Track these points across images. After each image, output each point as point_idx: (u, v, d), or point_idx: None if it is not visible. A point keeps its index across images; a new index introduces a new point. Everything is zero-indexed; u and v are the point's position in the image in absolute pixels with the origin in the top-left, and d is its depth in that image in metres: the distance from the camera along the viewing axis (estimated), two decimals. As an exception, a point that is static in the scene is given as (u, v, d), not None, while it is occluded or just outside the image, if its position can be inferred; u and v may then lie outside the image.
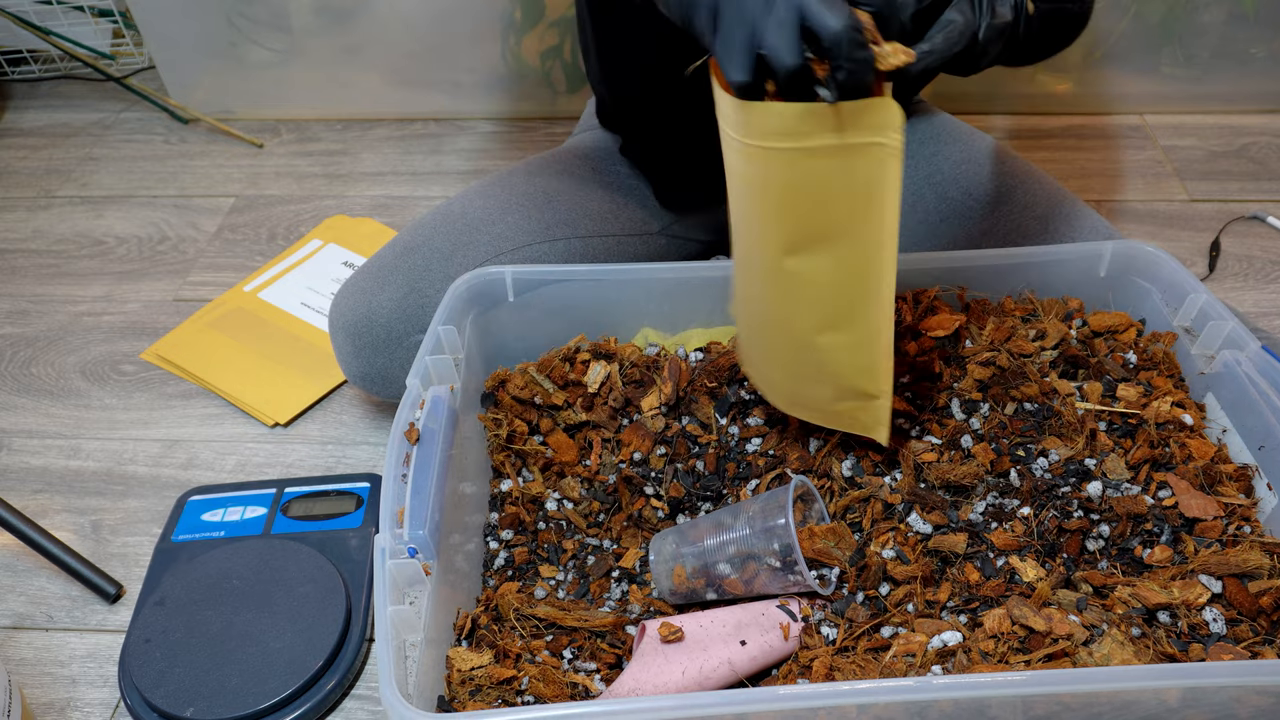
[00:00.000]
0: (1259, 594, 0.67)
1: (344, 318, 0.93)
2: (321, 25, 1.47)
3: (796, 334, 0.72)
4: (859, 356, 0.71)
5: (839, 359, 0.71)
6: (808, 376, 0.74)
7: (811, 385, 0.75)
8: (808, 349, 0.72)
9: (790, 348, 0.73)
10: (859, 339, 0.70)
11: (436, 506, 0.71)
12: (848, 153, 0.60)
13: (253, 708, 0.78)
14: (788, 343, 0.73)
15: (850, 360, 0.71)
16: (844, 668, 0.66)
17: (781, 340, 0.74)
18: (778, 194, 0.64)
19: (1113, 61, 1.44)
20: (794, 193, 0.64)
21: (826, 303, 0.69)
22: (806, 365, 0.73)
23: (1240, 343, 0.79)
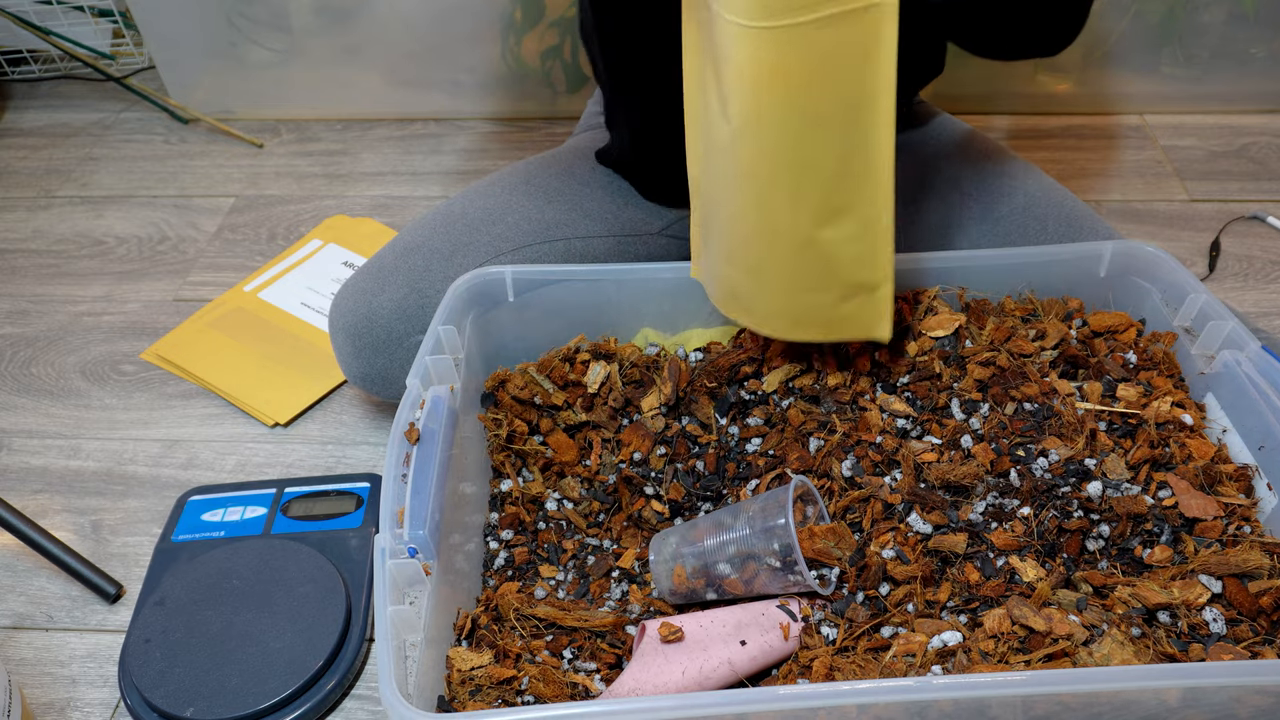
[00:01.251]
0: (1259, 594, 0.67)
1: (344, 318, 0.93)
2: (321, 25, 1.47)
3: (798, 234, 0.72)
4: (862, 244, 0.72)
5: (842, 252, 0.73)
6: (809, 283, 0.75)
7: (813, 293, 0.75)
8: (810, 247, 0.73)
9: (790, 254, 0.74)
10: (861, 224, 0.71)
11: (436, 506, 0.71)
12: (851, 18, 0.63)
13: (253, 708, 0.78)
14: (787, 249, 0.74)
15: (853, 250, 0.72)
16: (844, 668, 0.66)
17: (780, 249, 0.74)
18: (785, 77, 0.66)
19: (1113, 61, 1.44)
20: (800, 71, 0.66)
21: (830, 189, 0.70)
22: (809, 267, 0.74)
23: (1240, 343, 0.79)
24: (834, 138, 0.69)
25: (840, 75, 0.66)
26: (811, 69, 0.66)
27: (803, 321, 0.78)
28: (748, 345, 0.89)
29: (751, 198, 0.73)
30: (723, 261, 0.80)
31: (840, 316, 0.77)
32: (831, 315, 0.77)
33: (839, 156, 0.69)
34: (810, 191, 0.71)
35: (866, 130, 0.68)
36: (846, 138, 0.69)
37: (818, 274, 0.75)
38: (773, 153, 0.70)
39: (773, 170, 0.71)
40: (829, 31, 0.64)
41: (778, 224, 0.73)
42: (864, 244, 0.73)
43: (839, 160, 0.70)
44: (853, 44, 0.65)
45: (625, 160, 1.05)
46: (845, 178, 0.70)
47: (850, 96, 0.67)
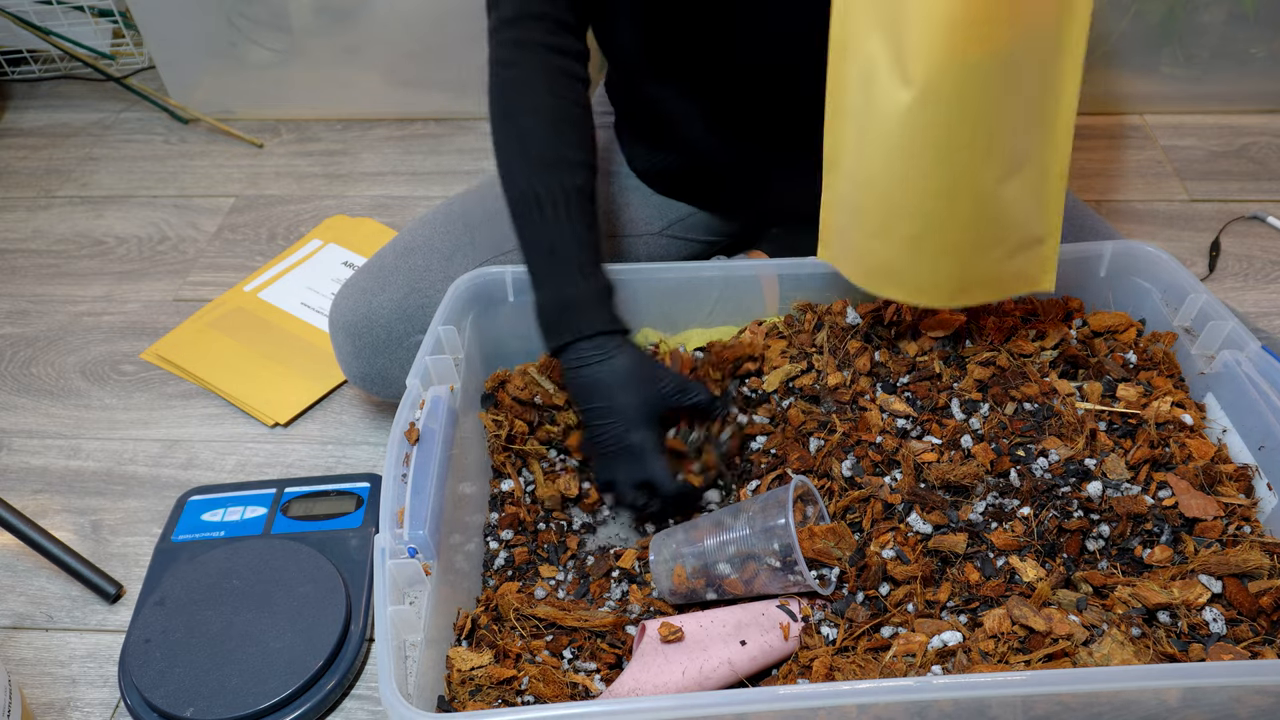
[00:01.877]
0: (1259, 594, 0.67)
1: (344, 318, 0.93)
2: (321, 25, 1.47)
3: (982, 190, 0.72)
4: (1038, 195, 0.73)
5: (1018, 205, 0.73)
6: (982, 241, 0.75)
7: (984, 251, 0.76)
8: (990, 203, 0.73)
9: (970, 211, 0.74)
10: (1040, 174, 0.72)
11: (436, 506, 0.71)
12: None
13: (253, 708, 0.78)
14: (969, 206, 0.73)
15: (1029, 203, 0.73)
16: (844, 668, 0.66)
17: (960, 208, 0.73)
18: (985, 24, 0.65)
19: (1113, 61, 1.44)
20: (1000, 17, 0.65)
21: (1018, 138, 0.70)
22: (985, 225, 0.74)
23: (1240, 343, 0.79)
24: (1029, 82, 0.68)
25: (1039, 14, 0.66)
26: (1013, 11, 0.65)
27: (968, 284, 0.78)
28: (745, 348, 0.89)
29: (930, 161, 0.72)
30: (872, 237, 0.78)
31: (1007, 273, 0.77)
32: (999, 272, 0.77)
33: (1030, 102, 0.69)
34: (1000, 143, 0.71)
35: (1060, 71, 0.68)
36: (1041, 81, 0.69)
37: (992, 230, 0.75)
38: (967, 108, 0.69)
39: (964, 127, 0.70)
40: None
41: (959, 184, 0.72)
42: (1040, 195, 0.73)
43: (1029, 107, 0.70)
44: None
45: (691, 175, 1.04)
46: (1032, 125, 0.71)
47: (1047, 37, 0.67)
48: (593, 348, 0.78)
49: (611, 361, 0.78)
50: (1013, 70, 0.68)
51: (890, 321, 0.86)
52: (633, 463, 0.78)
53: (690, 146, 0.99)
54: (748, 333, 0.90)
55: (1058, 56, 0.68)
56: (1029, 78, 0.68)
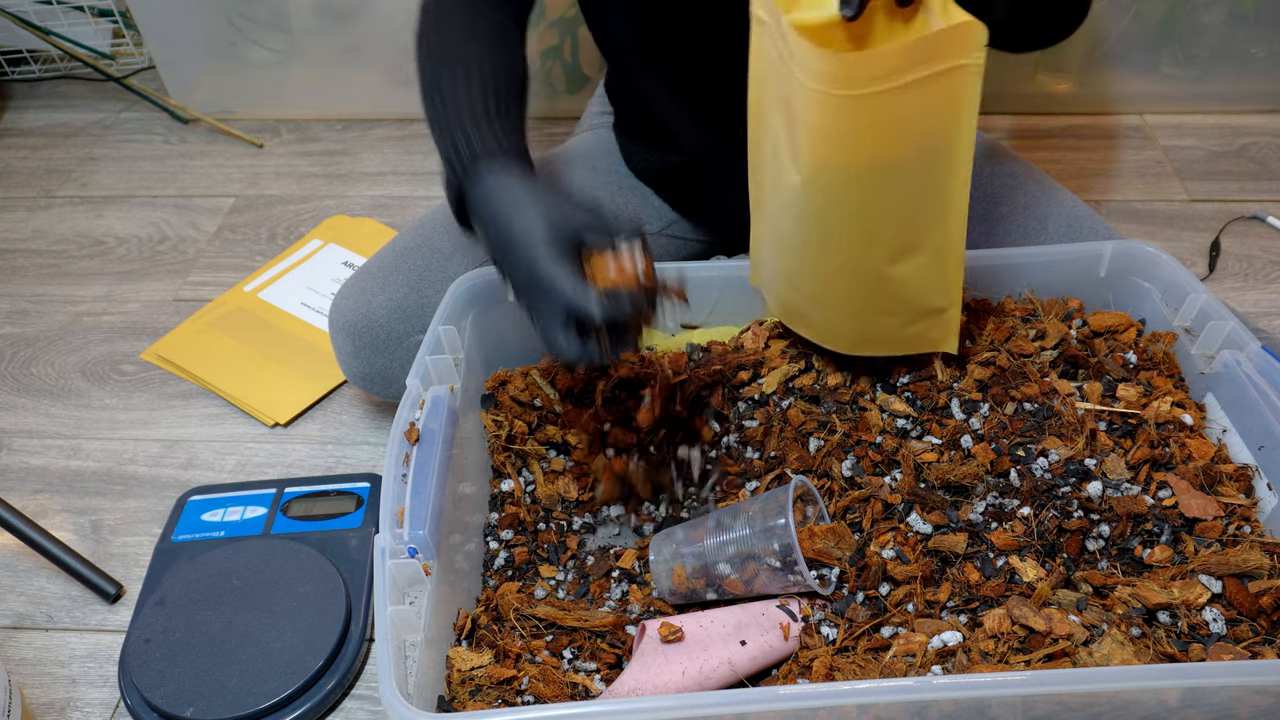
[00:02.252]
0: (1259, 594, 0.67)
1: (344, 318, 0.93)
2: (321, 25, 1.47)
3: (869, 272, 0.73)
4: (932, 274, 0.73)
5: (913, 282, 0.73)
6: (878, 310, 0.76)
7: (882, 317, 0.76)
8: (880, 283, 0.73)
9: (860, 288, 0.74)
10: (933, 257, 0.72)
11: (436, 506, 0.71)
12: (936, 80, 0.62)
13: (253, 708, 0.78)
14: (857, 284, 0.74)
15: (924, 280, 0.73)
16: (844, 668, 0.66)
17: (849, 283, 0.74)
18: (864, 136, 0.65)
19: (1113, 61, 1.44)
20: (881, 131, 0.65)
21: (903, 230, 0.71)
22: (878, 299, 0.75)
23: (1240, 343, 0.79)
24: (910, 186, 0.68)
25: (921, 130, 0.66)
26: (892, 128, 0.65)
27: (870, 340, 0.79)
28: (748, 347, 0.89)
29: (820, 239, 0.73)
30: (785, 284, 0.80)
31: (908, 335, 0.78)
32: (899, 335, 0.78)
33: (913, 202, 0.69)
34: (882, 236, 0.71)
35: (944, 176, 0.68)
36: (923, 185, 0.68)
37: (887, 303, 0.75)
38: (845, 203, 0.70)
39: (844, 218, 0.71)
40: (913, 94, 0.63)
41: (848, 263, 0.73)
42: (934, 273, 0.73)
43: (913, 206, 0.70)
44: (936, 102, 0.64)
45: (675, 177, 1.04)
46: (918, 220, 0.70)
47: (930, 148, 0.67)
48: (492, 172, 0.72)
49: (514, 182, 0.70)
50: (893, 176, 0.68)
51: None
52: (549, 295, 0.66)
53: (686, 145, 0.99)
54: (749, 334, 0.90)
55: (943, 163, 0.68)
56: (911, 183, 0.68)
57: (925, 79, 0.62)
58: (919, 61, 0.62)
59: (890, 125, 0.65)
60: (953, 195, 0.69)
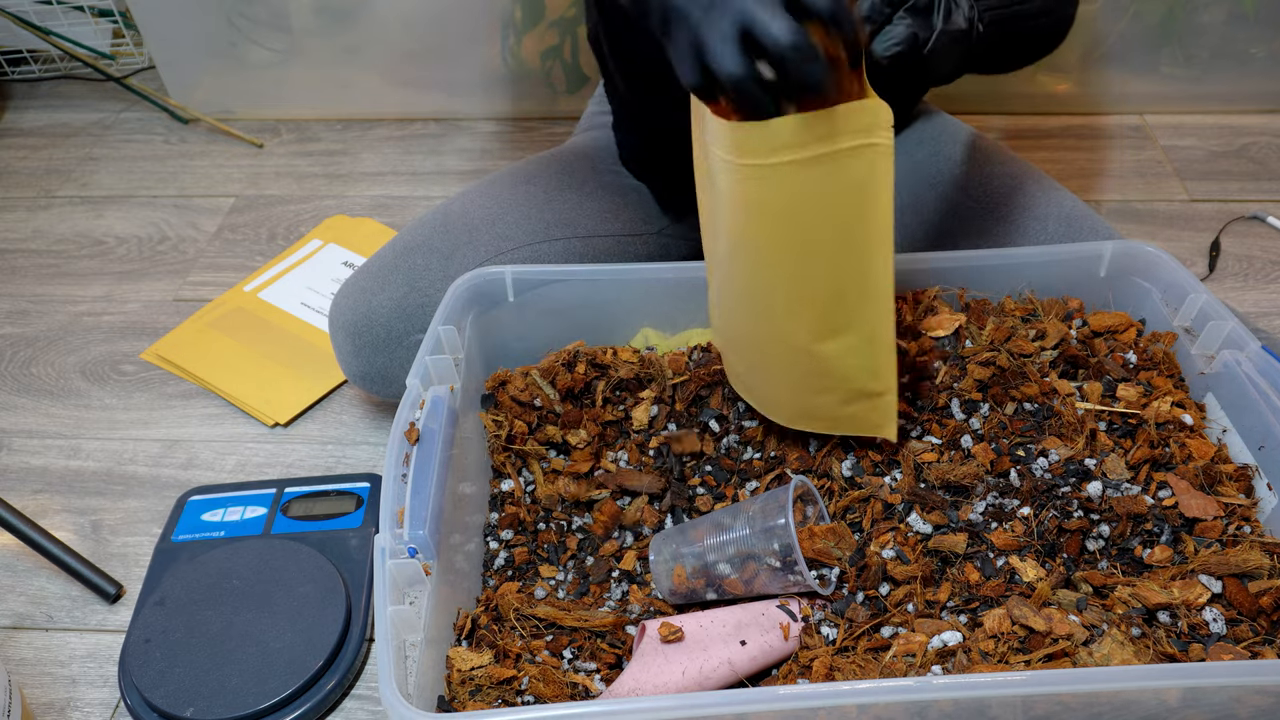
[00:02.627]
0: (1259, 594, 0.67)
1: (344, 317, 0.93)
2: (321, 25, 1.47)
3: (797, 346, 0.72)
4: (862, 358, 0.71)
5: (843, 363, 0.72)
6: (811, 386, 0.74)
7: (816, 395, 0.75)
8: (810, 359, 0.72)
9: (791, 361, 0.74)
10: (861, 340, 0.70)
11: (436, 506, 0.71)
12: (841, 158, 0.61)
13: (253, 708, 0.78)
14: (788, 356, 0.73)
15: (854, 363, 0.72)
16: (844, 668, 0.66)
17: (781, 355, 0.74)
18: (773, 211, 0.65)
19: (1113, 61, 1.44)
20: (790, 206, 0.65)
21: (826, 310, 0.69)
22: (809, 375, 0.74)
23: (1240, 343, 0.79)
24: (826, 267, 0.67)
25: (832, 210, 0.65)
26: (797, 204, 0.64)
27: (808, 416, 0.78)
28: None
29: (749, 309, 0.73)
30: (730, 351, 0.81)
31: (845, 415, 0.76)
32: (837, 414, 0.76)
33: (833, 283, 0.68)
34: (805, 312, 0.70)
35: (862, 260, 0.67)
36: (840, 267, 0.67)
37: (819, 380, 0.74)
38: (763, 277, 0.70)
39: (766, 291, 0.70)
40: (817, 170, 0.62)
41: (776, 336, 0.73)
42: (865, 357, 0.72)
43: (834, 286, 0.68)
44: (844, 181, 0.63)
45: (648, 166, 1.04)
46: (841, 301, 0.69)
47: (843, 229, 0.65)
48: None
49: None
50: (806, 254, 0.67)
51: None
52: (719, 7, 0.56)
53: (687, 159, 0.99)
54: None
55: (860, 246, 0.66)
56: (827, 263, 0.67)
57: (829, 155, 0.61)
58: (819, 136, 0.60)
59: (799, 201, 0.64)
60: (876, 279, 0.67)
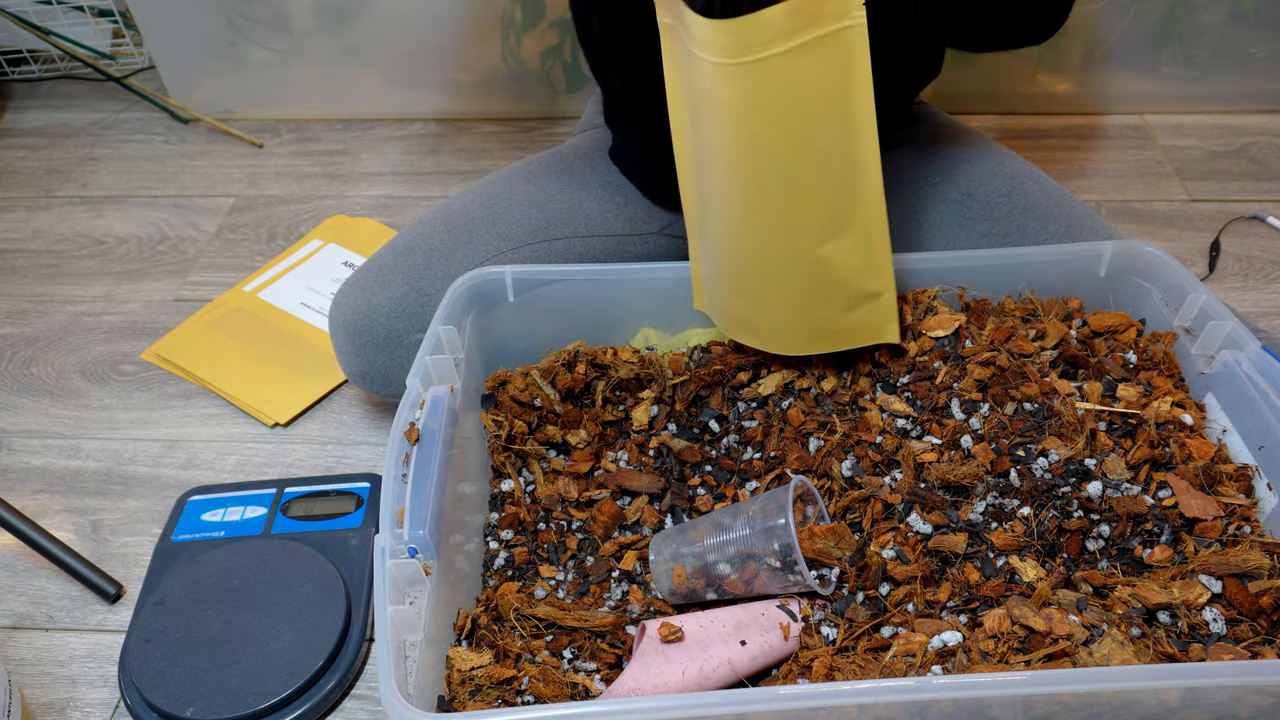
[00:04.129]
0: (1259, 594, 0.67)
1: (344, 317, 0.93)
2: (321, 25, 1.47)
3: (799, 254, 0.74)
4: (860, 257, 0.74)
5: (843, 266, 0.74)
6: (815, 297, 0.77)
7: (819, 306, 0.77)
8: (812, 266, 0.75)
9: (793, 274, 0.76)
10: (857, 238, 0.73)
11: (436, 506, 0.71)
12: (825, 43, 0.65)
13: (253, 708, 0.78)
14: (789, 269, 0.75)
15: (853, 264, 0.74)
16: (844, 668, 0.66)
17: (782, 269, 0.76)
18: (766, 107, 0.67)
19: (1113, 61, 1.44)
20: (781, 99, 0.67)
21: (823, 209, 0.72)
22: (812, 285, 0.76)
23: (1240, 343, 0.79)
24: (821, 159, 0.70)
25: (819, 99, 0.68)
26: (790, 97, 0.67)
27: (812, 335, 0.80)
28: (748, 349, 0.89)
29: (750, 226, 0.74)
30: (726, 292, 0.82)
31: (848, 325, 0.78)
32: (840, 325, 0.78)
33: (828, 176, 0.71)
34: (806, 213, 0.73)
35: (851, 147, 0.70)
36: (833, 157, 0.70)
37: (823, 288, 0.76)
38: (763, 183, 0.72)
39: (767, 199, 0.72)
40: (803, 59, 0.65)
41: (779, 246, 0.75)
42: (863, 255, 0.74)
43: (829, 180, 0.71)
44: (828, 67, 0.66)
45: (632, 161, 1.05)
46: (836, 198, 0.72)
47: (831, 118, 0.68)
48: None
49: None
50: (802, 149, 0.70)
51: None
52: None
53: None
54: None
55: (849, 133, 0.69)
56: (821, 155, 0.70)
57: (811, 43, 0.64)
58: (802, 24, 0.64)
59: (787, 93, 0.67)
60: (864, 170, 0.70)
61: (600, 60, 0.99)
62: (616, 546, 0.82)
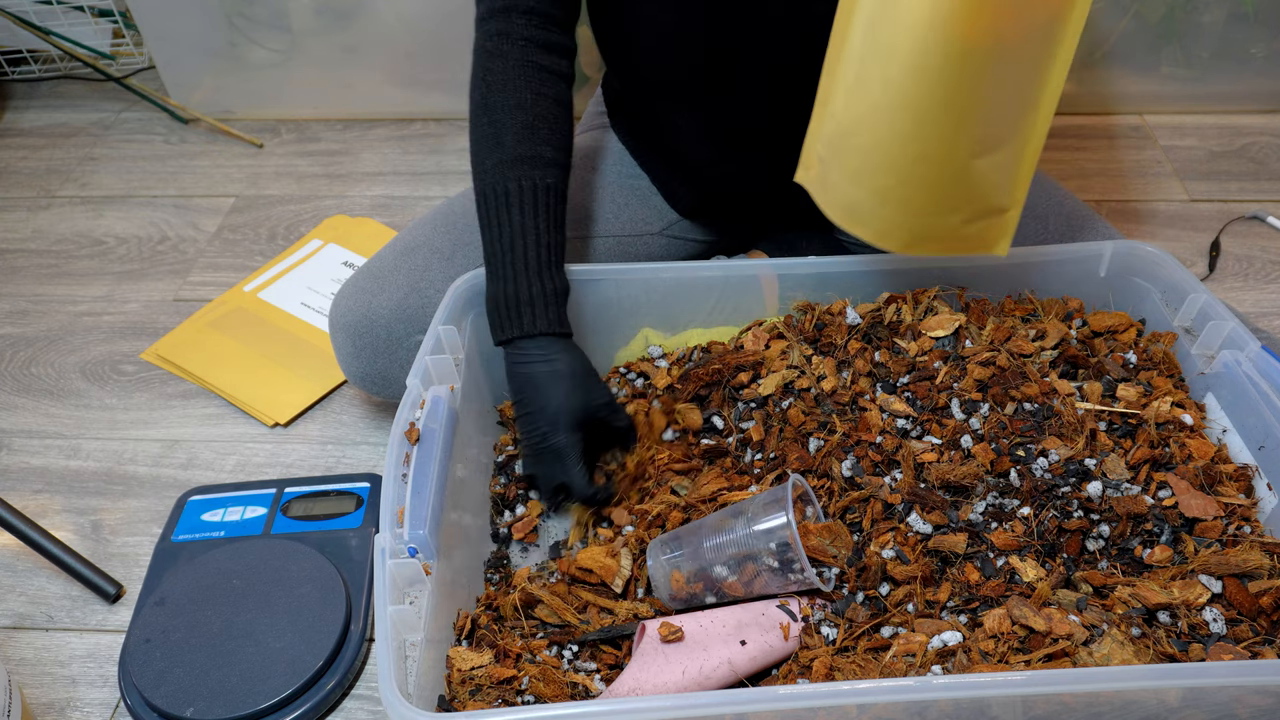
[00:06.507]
0: (1259, 594, 0.67)
1: (344, 318, 0.93)
2: (321, 25, 1.47)
3: (953, 164, 0.72)
4: (1008, 173, 0.73)
5: (988, 180, 0.73)
6: (945, 206, 0.76)
7: (945, 215, 0.76)
8: (960, 176, 0.73)
9: (936, 179, 0.74)
10: (1012, 154, 0.72)
11: (436, 506, 0.71)
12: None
13: (253, 708, 0.78)
14: (934, 174, 0.74)
15: (999, 179, 0.73)
16: (844, 668, 0.66)
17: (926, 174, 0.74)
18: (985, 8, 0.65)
19: (1113, 61, 1.44)
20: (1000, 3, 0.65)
21: (994, 121, 0.71)
22: (951, 194, 0.75)
23: (1240, 343, 0.79)
24: (1015, 69, 0.68)
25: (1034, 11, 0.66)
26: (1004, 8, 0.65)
27: (926, 238, 0.78)
28: (748, 348, 0.89)
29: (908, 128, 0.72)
30: (845, 179, 0.79)
31: (964, 235, 0.78)
32: (957, 234, 0.77)
33: (1013, 88, 0.69)
34: (974, 125, 0.71)
35: (1051, 62, 0.68)
36: (1027, 68, 0.68)
37: (956, 199, 0.75)
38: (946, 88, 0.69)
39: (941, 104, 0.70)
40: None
41: (931, 154, 0.73)
42: (1010, 171, 0.73)
43: (1011, 92, 0.69)
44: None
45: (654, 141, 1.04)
46: (1011, 109, 0.70)
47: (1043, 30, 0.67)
48: (537, 348, 0.80)
49: (552, 364, 0.80)
50: (1002, 57, 0.68)
51: (890, 322, 0.86)
52: (553, 464, 0.81)
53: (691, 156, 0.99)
54: (749, 335, 0.90)
55: (1049, 50, 0.68)
56: (1017, 65, 0.68)
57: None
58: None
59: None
60: (1052, 83, 0.69)
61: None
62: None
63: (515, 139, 0.81)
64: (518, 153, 0.81)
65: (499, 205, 0.81)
